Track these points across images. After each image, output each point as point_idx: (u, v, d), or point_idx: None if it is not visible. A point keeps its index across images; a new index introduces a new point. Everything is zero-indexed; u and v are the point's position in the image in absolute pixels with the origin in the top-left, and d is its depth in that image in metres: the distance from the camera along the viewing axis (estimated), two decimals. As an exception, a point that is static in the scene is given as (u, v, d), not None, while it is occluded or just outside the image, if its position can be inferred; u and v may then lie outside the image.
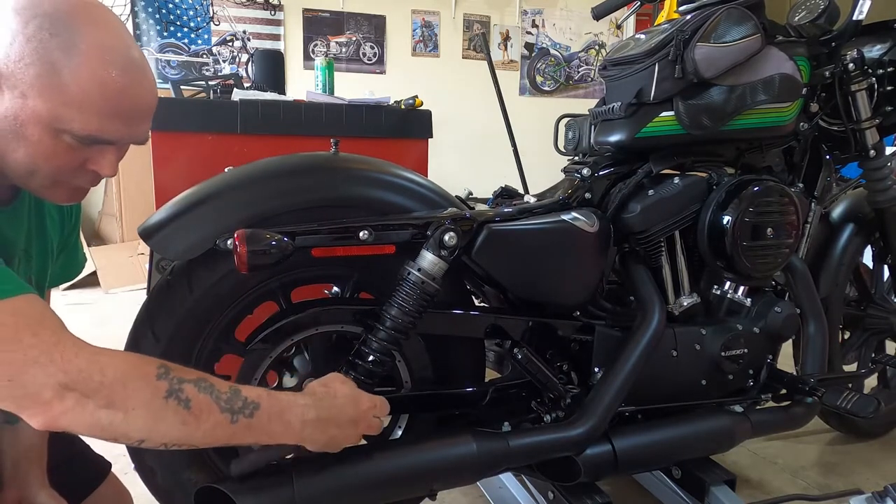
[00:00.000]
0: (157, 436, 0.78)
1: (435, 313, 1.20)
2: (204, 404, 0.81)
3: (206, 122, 1.91)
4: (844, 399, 1.41)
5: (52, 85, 0.75)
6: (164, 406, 0.77)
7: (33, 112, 0.75)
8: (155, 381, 0.78)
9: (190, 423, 0.79)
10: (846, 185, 1.68)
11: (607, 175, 1.36)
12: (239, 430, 0.84)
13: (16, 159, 0.79)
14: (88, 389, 0.72)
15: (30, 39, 0.74)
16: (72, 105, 0.76)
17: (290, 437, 0.90)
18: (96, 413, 0.73)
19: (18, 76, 0.74)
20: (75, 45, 0.75)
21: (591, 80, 5.84)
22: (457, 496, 1.65)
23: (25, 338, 0.70)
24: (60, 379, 0.71)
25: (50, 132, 0.77)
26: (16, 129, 0.76)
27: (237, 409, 0.84)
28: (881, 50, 1.55)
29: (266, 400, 0.87)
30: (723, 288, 1.44)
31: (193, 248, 1.07)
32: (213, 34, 4.88)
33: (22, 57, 0.74)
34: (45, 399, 0.70)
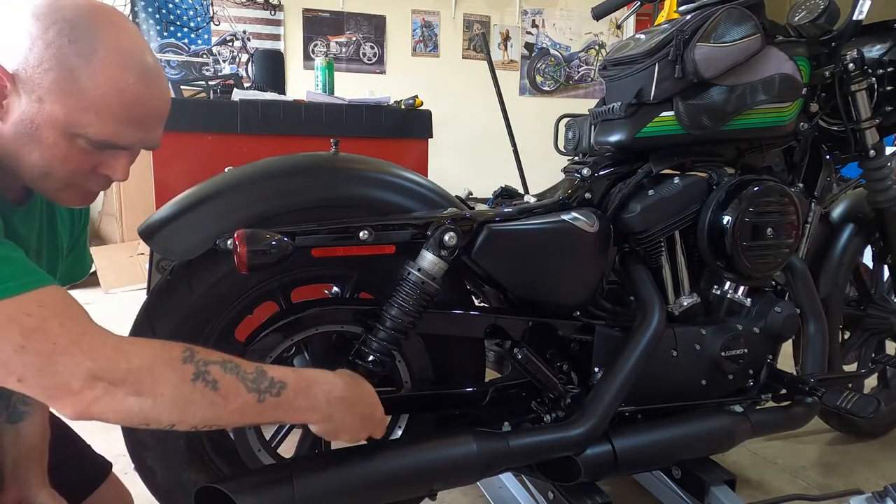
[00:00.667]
0: (188, 418, 0.79)
1: (435, 313, 1.20)
2: (231, 385, 0.81)
3: (206, 122, 1.91)
4: (844, 399, 1.41)
5: (69, 90, 0.76)
6: (192, 389, 0.78)
7: (50, 116, 0.76)
8: (181, 365, 0.79)
9: (218, 404, 0.80)
10: (846, 185, 1.68)
11: (607, 175, 1.36)
12: (267, 409, 0.85)
13: (31, 162, 0.80)
14: (116, 378, 0.73)
15: (49, 45, 0.75)
16: (88, 110, 0.77)
17: (315, 414, 0.91)
18: (126, 401, 0.74)
19: (36, 81, 0.75)
20: (94, 52, 0.76)
21: (591, 80, 5.84)
22: (457, 496, 1.65)
23: (52, 328, 0.71)
24: (89, 367, 0.71)
25: (65, 136, 0.78)
26: (32, 132, 0.77)
27: (264, 389, 0.84)
28: (881, 50, 1.55)
29: (293, 378, 0.89)
30: (723, 288, 1.44)
31: (193, 248, 1.07)
32: (213, 34, 4.88)
33: (41, 62, 0.75)
34: (74, 389, 0.71)
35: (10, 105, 0.77)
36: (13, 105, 0.77)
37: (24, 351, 0.69)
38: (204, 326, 1.14)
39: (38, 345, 0.70)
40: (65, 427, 1.20)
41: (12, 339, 0.68)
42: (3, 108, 0.77)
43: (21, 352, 0.69)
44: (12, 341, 0.68)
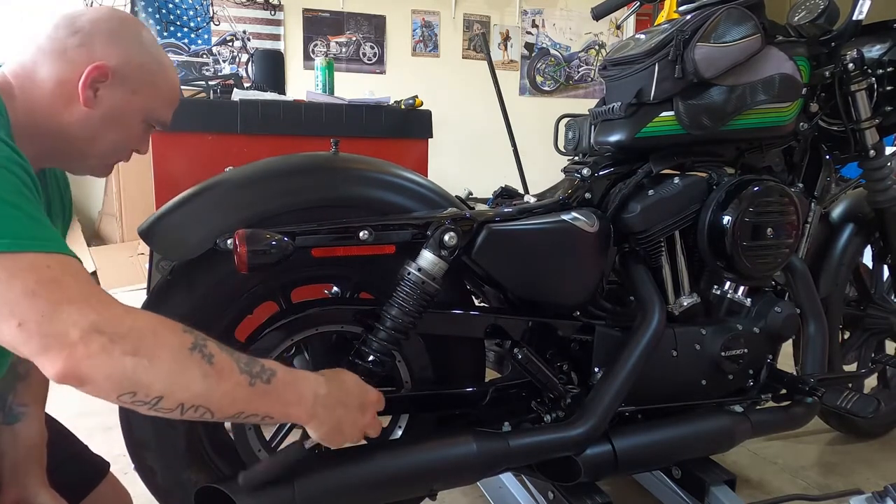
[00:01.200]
0: (178, 390, 0.77)
1: (435, 313, 1.20)
2: (226, 362, 0.82)
3: (206, 122, 1.91)
4: (844, 399, 1.41)
5: (153, 86, 0.97)
6: (188, 357, 0.78)
7: (138, 106, 0.95)
8: (182, 334, 0.80)
9: (211, 378, 0.79)
10: (846, 185, 1.68)
11: (607, 175, 1.36)
12: (256, 395, 0.84)
13: (111, 139, 0.95)
14: (117, 334, 0.73)
15: (141, 53, 0.95)
16: (162, 101, 0.99)
17: (301, 410, 0.90)
18: (122, 359, 0.73)
19: (132, 77, 0.93)
20: (161, 56, 0.99)
21: (591, 80, 5.84)
22: (457, 496, 1.65)
23: (68, 282, 0.73)
24: (93, 319, 0.72)
25: (144, 121, 0.98)
26: (119, 117, 0.94)
27: (255, 374, 0.84)
28: (881, 50, 1.55)
29: (281, 369, 0.89)
30: (723, 288, 1.44)
31: (193, 248, 1.07)
32: (213, 34, 4.88)
33: (140, 65, 0.94)
34: (71, 339, 0.70)
35: (103, 95, 0.91)
36: (105, 95, 0.91)
37: (35, 296, 0.70)
38: (204, 326, 1.12)
39: (50, 293, 0.71)
40: (61, 427, 1.20)
41: (26, 283, 0.70)
42: (97, 97, 0.91)
43: (31, 296, 0.70)
44: (25, 285, 0.70)
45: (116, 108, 0.93)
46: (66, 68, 0.88)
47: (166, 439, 1.13)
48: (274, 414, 0.88)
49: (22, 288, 0.70)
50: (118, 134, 0.95)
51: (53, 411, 1.17)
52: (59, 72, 0.88)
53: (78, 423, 1.79)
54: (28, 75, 0.88)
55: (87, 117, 0.91)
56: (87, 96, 0.89)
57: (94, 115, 0.91)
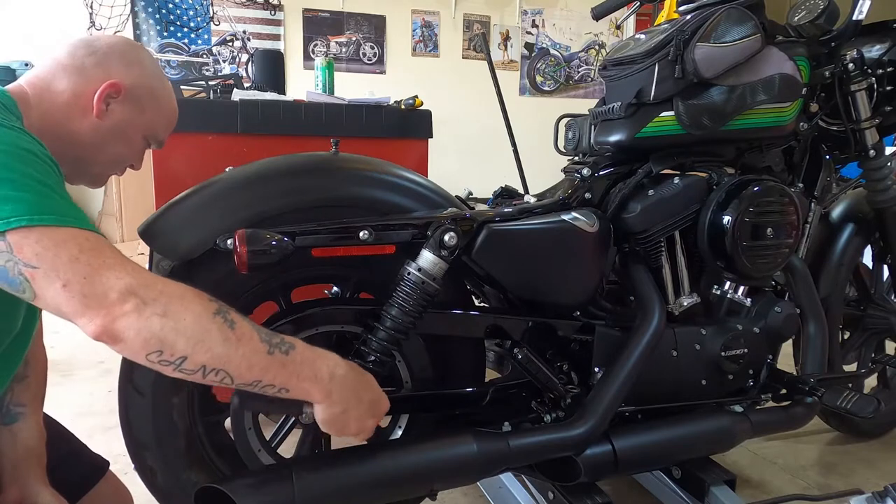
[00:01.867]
0: (200, 351, 0.82)
1: (435, 313, 1.20)
2: (246, 329, 0.87)
3: (206, 122, 1.91)
4: (844, 399, 1.41)
5: (158, 107, 1.08)
6: (211, 321, 0.84)
7: (143, 123, 1.06)
8: (207, 301, 0.86)
9: (232, 343, 0.84)
10: (846, 185, 1.68)
11: (607, 175, 1.37)
12: (273, 364, 0.88)
13: (114, 152, 1.05)
14: (149, 296, 0.80)
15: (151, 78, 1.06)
16: (163, 121, 1.10)
17: (316, 386, 0.93)
18: (151, 319, 0.80)
19: (141, 97, 1.04)
20: (165, 81, 1.10)
21: (591, 80, 5.84)
22: (457, 496, 1.65)
23: (105, 251, 0.82)
24: (129, 282, 0.80)
25: (146, 137, 1.08)
26: (125, 132, 1.04)
27: (275, 344, 0.89)
28: (881, 50, 1.55)
29: (301, 344, 0.93)
30: (723, 288, 1.44)
31: (193, 248, 1.07)
32: (213, 34, 4.88)
33: (152, 87, 1.06)
34: (110, 300, 0.78)
35: (114, 110, 1.01)
36: (115, 110, 1.01)
37: (78, 261, 0.78)
38: (204, 326, 1.14)
39: (92, 258, 0.79)
40: (60, 427, 1.20)
41: (70, 250, 0.78)
42: (108, 110, 1.01)
43: (75, 261, 0.78)
44: (69, 252, 0.78)
45: (124, 122, 1.03)
46: (83, 82, 0.99)
47: (166, 439, 1.13)
48: (290, 386, 0.91)
49: (66, 254, 0.78)
50: (121, 147, 1.05)
51: (52, 411, 1.17)
52: (76, 84, 0.99)
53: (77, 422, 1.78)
54: (45, 86, 0.98)
55: (97, 128, 1.01)
56: (100, 108, 0.99)
57: (103, 127, 1.01)
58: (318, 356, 0.94)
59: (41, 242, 0.77)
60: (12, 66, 2.82)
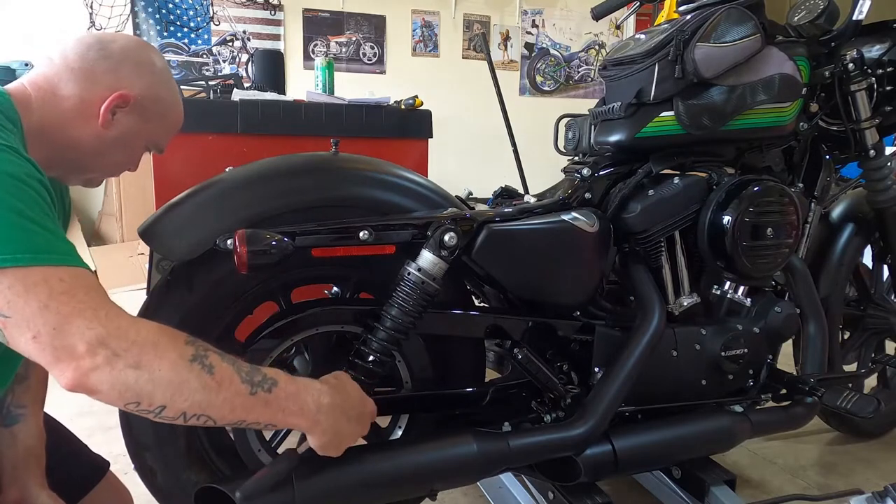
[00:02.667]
0: (179, 400, 0.80)
1: (435, 313, 1.20)
2: (226, 372, 0.84)
3: (206, 122, 1.91)
4: (844, 399, 1.41)
5: (164, 117, 1.05)
6: (188, 368, 0.81)
7: (148, 134, 1.04)
8: (182, 346, 0.83)
9: (211, 388, 0.82)
10: (846, 185, 1.68)
11: (607, 175, 1.36)
12: (257, 404, 0.86)
13: (115, 159, 1.03)
14: (120, 348, 0.77)
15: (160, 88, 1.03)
16: (167, 131, 1.08)
17: (303, 419, 0.92)
18: (124, 371, 0.77)
19: (149, 108, 1.01)
20: (174, 88, 1.07)
21: (591, 80, 5.84)
22: (457, 496, 1.65)
23: (78, 294, 0.77)
24: (99, 333, 0.76)
25: (147, 146, 1.06)
26: (129, 140, 1.02)
27: (257, 383, 0.87)
28: (881, 50, 1.55)
29: (283, 379, 0.91)
30: (723, 288, 1.44)
31: (193, 248, 1.07)
32: (213, 34, 4.88)
33: (159, 97, 1.03)
34: (79, 352, 0.75)
35: (119, 120, 0.98)
36: (121, 119, 0.98)
37: (47, 309, 0.74)
38: (204, 327, 1.13)
39: (62, 306, 0.75)
40: (60, 427, 1.20)
41: (40, 297, 0.74)
42: (114, 120, 0.98)
43: (44, 310, 0.74)
44: (39, 299, 0.74)
45: (128, 132, 1.00)
46: (91, 89, 0.95)
47: (166, 440, 1.13)
48: (276, 422, 0.90)
49: (36, 302, 0.74)
50: (123, 155, 1.03)
51: (53, 411, 1.17)
52: (83, 91, 0.95)
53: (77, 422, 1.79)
54: (51, 88, 0.94)
55: (100, 136, 0.98)
56: (105, 118, 0.96)
57: (107, 136, 0.98)
58: (302, 388, 0.93)
59: (13, 289, 0.73)
60: (12, 66, 2.82)
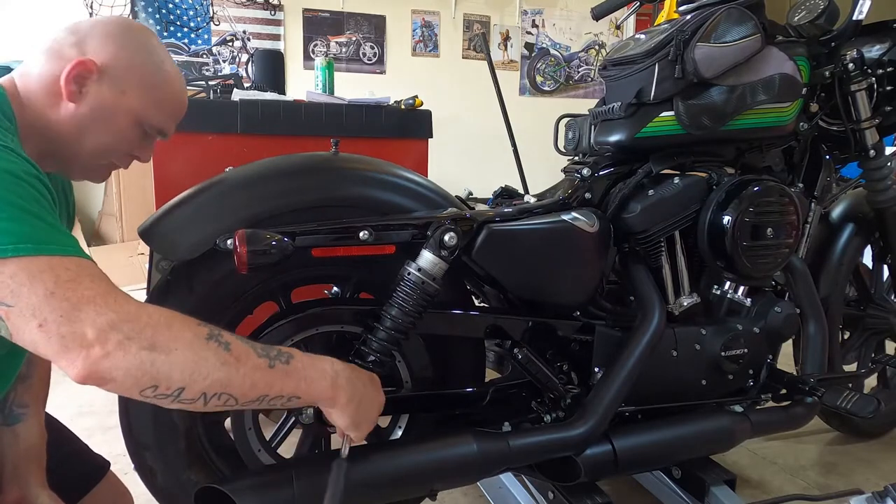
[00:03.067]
0: (199, 379, 0.78)
1: (435, 313, 1.20)
2: (242, 348, 0.83)
3: (206, 122, 1.91)
4: (844, 399, 1.41)
5: (146, 88, 0.96)
6: (205, 346, 0.80)
7: (128, 106, 0.94)
8: (196, 326, 0.82)
9: (230, 364, 0.81)
10: (846, 185, 1.68)
11: (607, 175, 1.36)
12: (277, 376, 0.85)
13: (99, 139, 0.95)
14: (134, 330, 0.75)
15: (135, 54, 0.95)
16: (156, 105, 0.97)
17: (326, 384, 0.91)
18: (139, 354, 0.75)
19: (121, 76, 0.93)
20: (163, 62, 0.98)
21: (591, 80, 5.84)
22: (457, 496, 1.65)
23: (84, 282, 0.75)
24: (109, 318, 0.74)
25: (135, 122, 0.96)
26: (107, 117, 0.93)
27: (273, 356, 0.86)
28: (881, 50, 1.55)
29: (297, 352, 0.91)
30: (723, 288, 1.44)
31: (193, 248, 1.07)
32: (213, 34, 4.88)
33: (129, 65, 0.94)
34: (89, 339, 0.72)
35: (89, 92, 0.91)
36: (91, 91, 0.91)
37: (53, 297, 0.72)
38: (204, 326, 1.13)
39: (68, 293, 0.73)
40: (61, 427, 1.20)
41: (46, 284, 0.72)
42: (83, 93, 0.91)
43: (50, 297, 0.72)
44: (45, 286, 0.72)
45: (103, 106, 0.93)
46: (58, 65, 0.90)
47: (166, 440, 1.13)
48: (299, 392, 0.88)
49: (42, 289, 0.72)
50: (105, 134, 0.95)
51: (53, 411, 1.17)
52: (51, 69, 0.90)
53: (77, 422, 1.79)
54: (27, 73, 0.92)
55: (74, 115, 0.91)
56: (70, 91, 0.90)
57: (80, 113, 0.92)
58: (317, 359, 0.93)
59: (16, 277, 0.71)
60: (12, 66, 2.82)
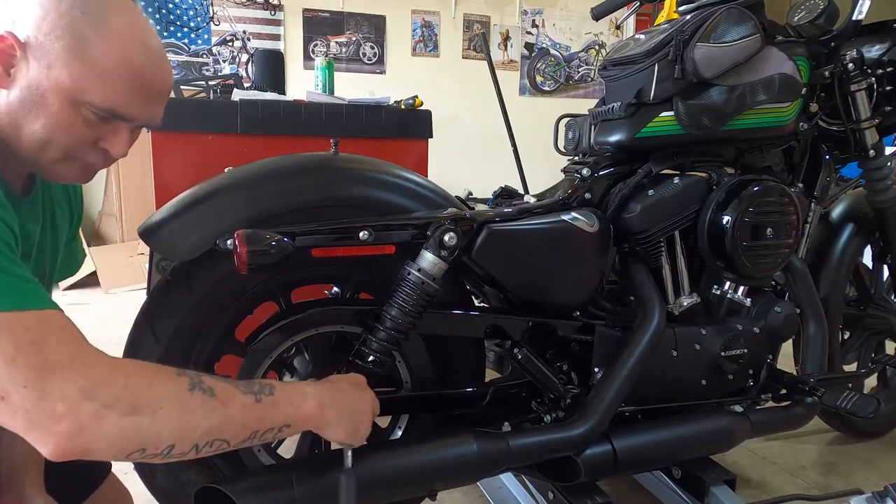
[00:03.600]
0: (189, 432, 0.74)
1: (435, 313, 1.20)
2: (227, 390, 0.80)
3: (206, 122, 1.91)
4: (844, 399, 1.41)
5: (79, 58, 0.77)
6: (189, 398, 0.75)
7: (57, 82, 0.77)
8: (176, 378, 0.77)
9: (218, 409, 0.77)
10: (846, 185, 1.68)
11: (607, 175, 1.36)
12: (266, 409, 0.83)
13: (33, 131, 0.79)
14: (111, 396, 0.68)
15: (62, 15, 0.76)
16: (96, 78, 0.78)
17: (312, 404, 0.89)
18: (121, 422, 0.68)
19: (46, 47, 0.76)
20: (104, 24, 0.78)
21: (591, 80, 5.84)
22: (457, 496, 1.65)
23: (49, 343, 0.68)
24: (81, 385, 0.67)
25: (70, 103, 0.79)
26: (36, 98, 0.78)
27: (257, 391, 0.84)
28: (881, 50, 1.55)
29: (277, 382, 0.90)
30: (723, 288, 1.44)
31: (193, 248, 1.07)
32: (213, 34, 4.88)
33: (52, 30, 0.76)
34: (60, 413, 0.65)
35: (19, 72, 0.77)
36: (21, 73, 0.77)
37: (14, 364, 0.65)
38: (204, 326, 1.14)
39: (31, 358, 0.66)
40: None
41: (5, 349, 0.65)
42: (11, 76, 0.78)
43: (11, 364, 0.65)
44: (4, 352, 0.65)
45: (29, 86, 0.77)
46: None
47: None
48: (289, 420, 0.87)
49: (2, 356, 0.65)
50: (37, 123, 0.79)
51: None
52: None
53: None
54: None
55: (6, 101, 0.78)
56: None
57: (11, 98, 0.78)
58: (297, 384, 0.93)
59: None
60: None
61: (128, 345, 1.10)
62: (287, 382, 0.94)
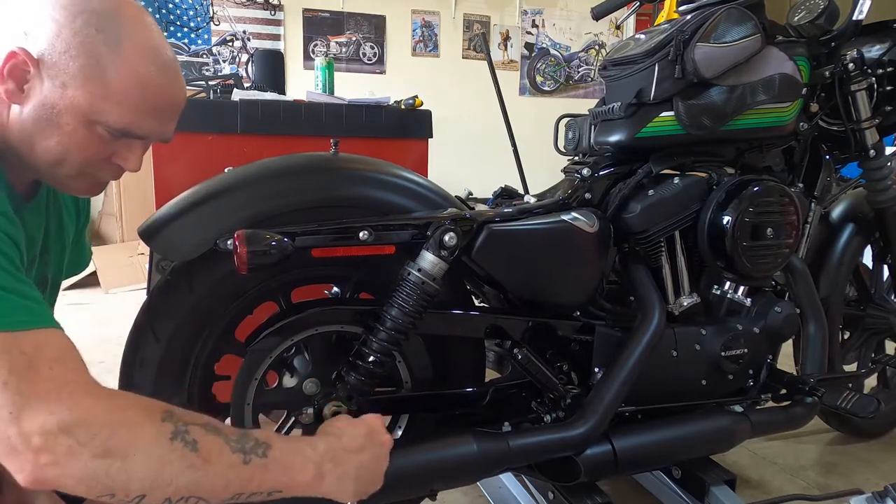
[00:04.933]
0: (161, 485, 0.70)
1: (435, 313, 1.19)
2: (213, 445, 0.75)
3: (206, 122, 1.91)
4: (844, 399, 1.41)
5: (94, 78, 0.77)
6: (168, 448, 0.71)
7: (72, 102, 0.77)
8: (161, 423, 0.73)
9: (198, 467, 0.72)
10: (846, 185, 1.68)
11: (607, 175, 1.36)
12: (254, 472, 0.77)
13: (47, 147, 0.80)
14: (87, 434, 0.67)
15: (76, 33, 0.76)
16: (111, 99, 0.78)
17: (309, 475, 0.83)
18: (91, 463, 0.66)
19: (61, 66, 0.76)
20: (119, 43, 0.78)
21: (591, 80, 5.84)
22: (457, 496, 1.65)
23: (42, 370, 0.67)
24: (62, 418, 0.66)
25: (85, 123, 0.79)
26: (52, 117, 0.78)
27: (249, 449, 0.78)
28: (881, 50, 1.55)
29: (276, 437, 0.83)
30: (723, 288, 1.44)
31: (193, 248, 1.07)
32: (213, 34, 4.88)
33: (67, 49, 0.76)
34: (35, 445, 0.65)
35: (32, 89, 0.77)
36: (35, 89, 0.77)
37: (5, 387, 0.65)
38: (204, 327, 1.14)
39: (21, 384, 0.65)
40: None
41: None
42: (24, 92, 0.77)
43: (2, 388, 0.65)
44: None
45: (44, 104, 0.77)
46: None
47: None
48: (279, 486, 0.80)
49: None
50: (52, 140, 0.79)
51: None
52: None
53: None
54: None
55: (19, 117, 0.79)
56: (8, 91, 0.77)
57: (24, 114, 0.78)
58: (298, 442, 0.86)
59: None
60: None
61: (128, 345, 1.10)
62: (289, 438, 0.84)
